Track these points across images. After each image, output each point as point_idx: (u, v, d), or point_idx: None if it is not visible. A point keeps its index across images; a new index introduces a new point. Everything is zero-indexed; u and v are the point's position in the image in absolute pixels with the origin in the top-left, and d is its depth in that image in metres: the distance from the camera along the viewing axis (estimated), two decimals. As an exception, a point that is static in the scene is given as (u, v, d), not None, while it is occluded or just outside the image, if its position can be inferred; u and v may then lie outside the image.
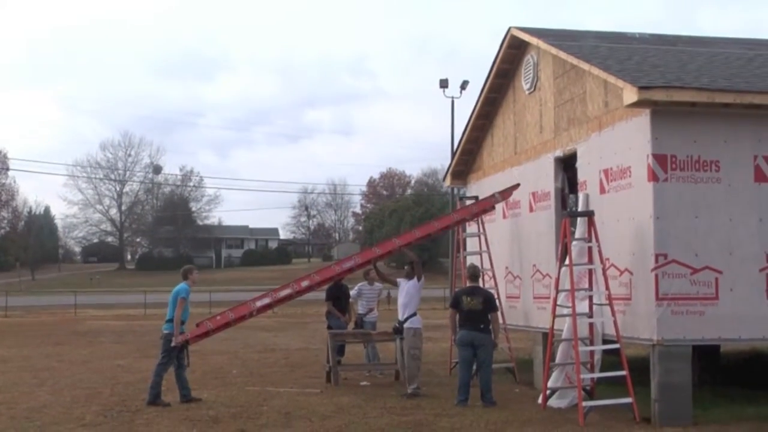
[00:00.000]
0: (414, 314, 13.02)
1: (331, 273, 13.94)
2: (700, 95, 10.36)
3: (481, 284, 13.42)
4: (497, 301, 13.26)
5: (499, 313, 12.65)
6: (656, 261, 10.37)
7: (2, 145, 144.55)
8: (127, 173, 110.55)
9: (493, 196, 14.18)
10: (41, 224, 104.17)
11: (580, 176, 12.52)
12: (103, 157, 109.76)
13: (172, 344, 12.13)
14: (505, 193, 14.19)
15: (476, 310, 11.94)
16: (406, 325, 12.99)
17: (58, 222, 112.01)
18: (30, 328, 32.21)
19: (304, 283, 13.52)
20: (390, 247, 13.99)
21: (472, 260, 15.77)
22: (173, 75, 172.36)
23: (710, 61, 12.92)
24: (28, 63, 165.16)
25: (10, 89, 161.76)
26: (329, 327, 15.47)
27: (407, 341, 12.96)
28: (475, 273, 12.61)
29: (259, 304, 13.15)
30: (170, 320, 12.24)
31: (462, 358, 12.05)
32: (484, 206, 14.39)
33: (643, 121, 10.66)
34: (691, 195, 10.48)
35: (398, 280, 13.72)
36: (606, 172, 11.67)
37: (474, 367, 12.13)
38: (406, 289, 13.25)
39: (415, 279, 13.23)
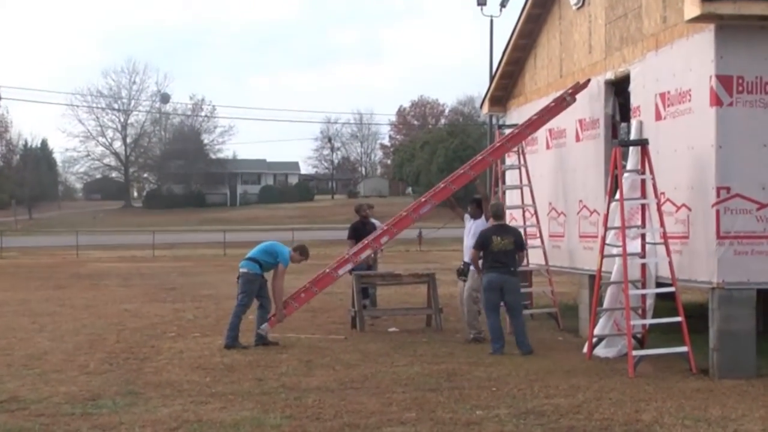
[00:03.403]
0: None
1: (409, 221, 14.35)
2: (774, 8, 10.14)
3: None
4: (540, 239, 13.29)
5: (524, 252, 13.06)
6: (718, 195, 10.26)
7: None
8: (132, 102, 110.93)
9: (563, 99, 14.02)
10: (38, 158, 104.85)
11: (633, 101, 12.36)
12: (105, 84, 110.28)
13: (273, 325, 13.02)
14: (575, 93, 13.96)
15: (507, 251, 12.04)
16: (472, 267, 13.21)
17: (57, 156, 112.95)
18: (28, 270, 32.72)
19: (384, 239, 14.27)
20: (464, 181, 14.27)
21: (512, 195, 15.73)
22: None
23: (784, -30, 12.59)
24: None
25: (4, 13, 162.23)
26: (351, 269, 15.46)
27: (470, 282, 13.21)
28: (498, 211, 12.63)
29: (341, 272, 13.99)
30: (250, 259, 13.04)
31: (489, 302, 12.13)
32: (558, 112, 14.19)
33: (706, 38, 10.45)
34: (760, 121, 10.31)
35: (465, 216, 13.95)
36: (662, 96, 11.49)
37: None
38: (473, 231, 13.44)
39: (483, 218, 13.44)
